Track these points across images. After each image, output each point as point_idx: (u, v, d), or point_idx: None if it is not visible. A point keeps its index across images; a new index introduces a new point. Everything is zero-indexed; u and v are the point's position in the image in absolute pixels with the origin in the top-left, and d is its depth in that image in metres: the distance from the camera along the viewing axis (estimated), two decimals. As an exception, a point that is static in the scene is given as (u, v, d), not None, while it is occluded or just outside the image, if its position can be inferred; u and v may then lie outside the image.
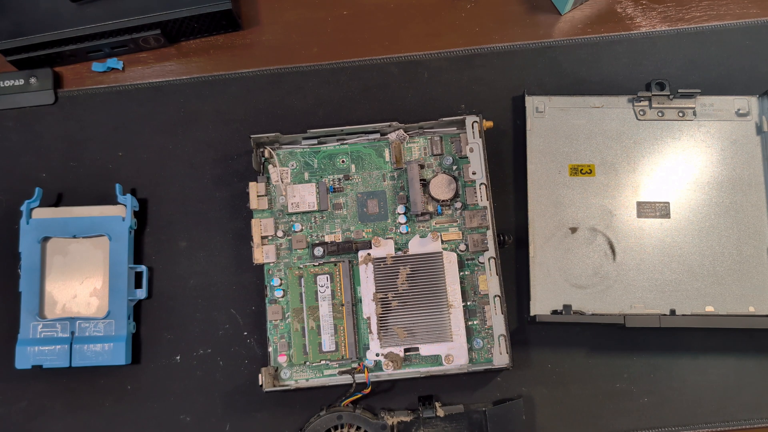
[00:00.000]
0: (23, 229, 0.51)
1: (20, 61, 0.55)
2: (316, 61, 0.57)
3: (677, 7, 0.58)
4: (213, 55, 0.58)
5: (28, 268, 0.51)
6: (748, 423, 0.50)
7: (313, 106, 0.56)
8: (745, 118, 0.53)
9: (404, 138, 0.53)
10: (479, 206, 0.50)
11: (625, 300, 0.50)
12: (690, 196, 0.52)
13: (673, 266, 0.50)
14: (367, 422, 0.48)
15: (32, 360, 0.50)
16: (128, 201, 0.52)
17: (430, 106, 0.55)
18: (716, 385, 0.50)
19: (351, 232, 0.52)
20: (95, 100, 0.56)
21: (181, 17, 0.54)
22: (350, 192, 0.52)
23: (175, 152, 0.55)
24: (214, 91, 0.56)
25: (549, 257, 0.51)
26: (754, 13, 0.57)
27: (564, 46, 0.57)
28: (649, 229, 0.51)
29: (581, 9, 0.58)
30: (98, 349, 0.50)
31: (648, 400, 0.50)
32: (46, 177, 0.55)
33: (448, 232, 0.51)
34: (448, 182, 0.51)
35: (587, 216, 0.52)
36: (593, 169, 0.52)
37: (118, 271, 0.51)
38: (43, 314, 0.51)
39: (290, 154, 0.53)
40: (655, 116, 0.53)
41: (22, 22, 0.54)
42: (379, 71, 0.56)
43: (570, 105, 0.53)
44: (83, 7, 0.54)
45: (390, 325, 0.49)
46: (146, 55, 0.58)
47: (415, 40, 0.58)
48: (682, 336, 0.51)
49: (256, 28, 0.58)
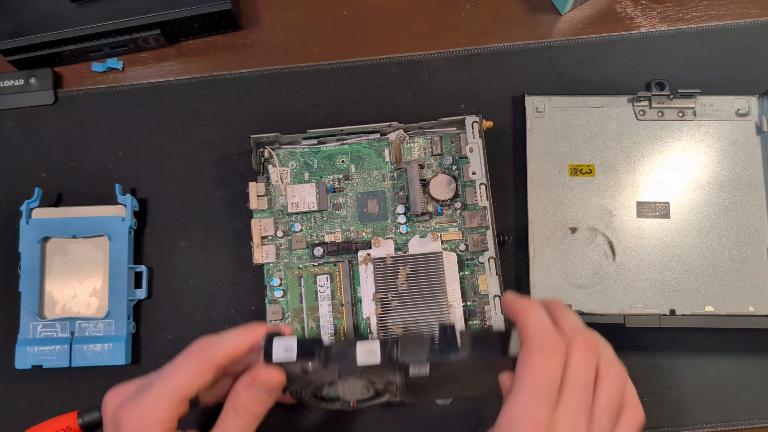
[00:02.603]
0: (23, 229, 0.51)
1: (20, 61, 0.56)
2: (316, 61, 0.57)
3: (677, 7, 0.58)
4: (213, 55, 0.58)
5: (27, 268, 0.51)
6: (748, 423, 0.50)
7: (312, 106, 0.56)
8: (744, 118, 0.53)
9: (404, 138, 0.53)
10: (479, 206, 0.50)
11: (624, 300, 0.50)
12: (690, 196, 0.52)
13: (672, 266, 0.50)
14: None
15: (32, 360, 0.50)
16: (128, 201, 0.52)
17: (430, 106, 0.55)
18: (716, 385, 0.50)
19: (351, 232, 0.52)
20: (95, 100, 0.56)
21: (181, 17, 0.54)
22: (350, 192, 0.52)
23: (175, 152, 0.55)
24: (214, 91, 0.56)
25: (549, 257, 0.51)
26: (754, 13, 0.57)
27: (564, 46, 0.57)
28: (648, 229, 0.51)
29: (581, 9, 0.58)
30: (98, 349, 0.50)
31: (648, 400, 0.50)
32: (46, 177, 0.55)
33: (447, 232, 0.51)
34: (448, 182, 0.51)
35: (587, 216, 0.52)
36: (593, 169, 0.52)
37: (118, 271, 0.51)
38: (42, 314, 0.51)
39: (290, 154, 0.53)
40: (655, 116, 0.53)
41: (21, 23, 0.54)
42: (379, 71, 0.56)
43: (570, 105, 0.53)
44: (83, 7, 0.54)
45: (390, 325, 0.49)
46: (146, 55, 0.58)
47: (415, 40, 0.58)
48: (682, 336, 0.51)
49: (256, 28, 0.58)
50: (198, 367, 0.37)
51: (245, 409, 0.37)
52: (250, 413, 0.38)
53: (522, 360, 0.34)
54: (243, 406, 0.37)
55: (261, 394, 0.38)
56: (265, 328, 0.39)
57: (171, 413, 0.36)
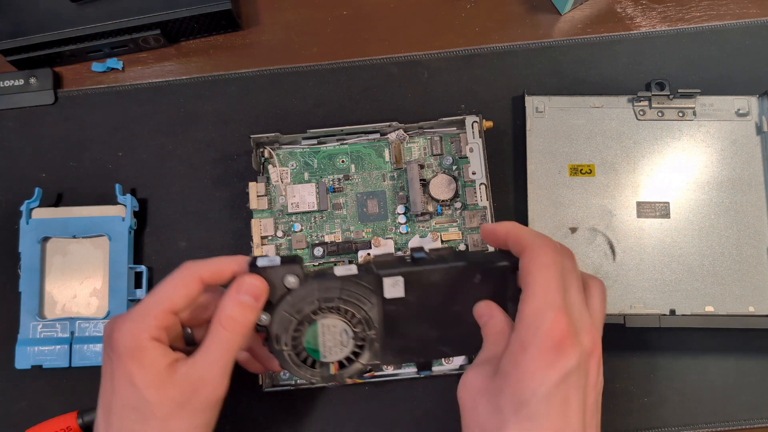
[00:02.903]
0: (23, 229, 0.51)
1: (20, 61, 0.55)
2: (316, 61, 0.57)
3: (677, 7, 0.58)
4: (213, 55, 0.58)
5: (27, 268, 0.51)
6: (747, 423, 0.50)
7: (312, 106, 0.56)
8: (744, 118, 0.53)
9: (404, 138, 0.53)
10: (479, 206, 0.50)
11: (624, 300, 0.50)
12: (690, 196, 0.52)
13: (672, 266, 0.50)
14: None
15: (32, 360, 0.50)
16: (128, 201, 0.52)
17: (430, 106, 0.55)
18: (716, 385, 0.50)
19: (351, 233, 0.52)
20: (95, 100, 0.56)
21: (181, 17, 0.54)
22: (350, 192, 0.52)
23: (175, 152, 0.55)
24: (214, 91, 0.56)
25: (549, 257, 0.51)
26: (753, 12, 0.57)
27: (564, 46, 0.57)
28: (648, 229, 0.51)
29: (581, 9, 0.58)
30: (98, 349, 0.50)
31: (648, 400, 0.50)
32: (46, 177, 0.55)
33: (447, 232, 0.51)
34: (448, 182, 0.51)
35: (587, 216, 0.52)
36: (593, 169, 0.52)
37: (118, 271, 0.51)
38: (42, 314, 0.51)
39: (290, 154, 0.53)
40: (655, 116, 0.53)
41: (21, 22, 0.54)
42: (379, 71, 0.56)
43: (570, 105, 0.53)
44: (83, 7, 0.54)
45: (390, 325, 0.49)
46: (146, 55, 0.58)
47: (414, 40, 0.58)
48: (682, 336, 0.51)
49: (256, 28, 0.58)
50: (183, 279, 0.39)
51: (230, 320, 0.38)
52: (236, 323, 0.38)
53: (531, 259, 0.36)
54: (228, 317, 0.38)
55: (246, 301, 0.38)
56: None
57: (159, 321, 0.37)
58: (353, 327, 0.41)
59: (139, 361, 0.36)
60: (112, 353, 0.37)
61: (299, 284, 0.40)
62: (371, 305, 0.41)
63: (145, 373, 0.36)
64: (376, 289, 0.41)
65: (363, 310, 0.41)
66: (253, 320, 0.39)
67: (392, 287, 0.41)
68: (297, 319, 0.41)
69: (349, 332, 0.41)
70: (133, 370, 0.36)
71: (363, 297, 0.41)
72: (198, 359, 0.38)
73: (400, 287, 0.41)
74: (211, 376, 0.37)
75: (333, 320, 0.41)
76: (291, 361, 0.41)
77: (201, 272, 0.39)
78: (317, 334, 0.41)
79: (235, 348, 0.38)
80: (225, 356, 0.38)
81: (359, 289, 0.41)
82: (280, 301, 0.40)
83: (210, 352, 0.38)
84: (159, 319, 0.37)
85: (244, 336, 0.38)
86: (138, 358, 0.36)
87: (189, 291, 0.38)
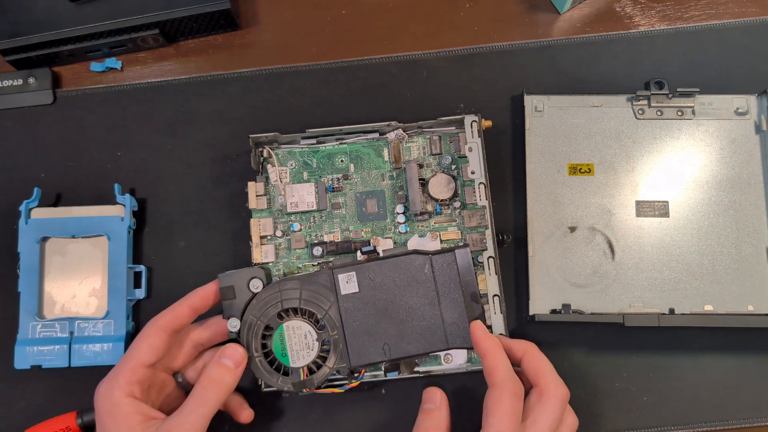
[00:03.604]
0: (22, 229, 0.51)
1: (19, 61, 0.55)
2: (315, 60, 0.57)
3: (676, 6, 0.58)
4: (211, 54, 0.58)
5: (26, 268, 0.51)
6: (747, 422, 0.50)
7: (311, 105, 0.56)
8: (744, 117, 0.53)
9: (403, 137, 0.53)
10: (478, 206, 0.50)
11: (624, 299, 0.50)
12: (689, 195, 0.52)
13: (672, 265, 0.50)
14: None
15: (31, 360, 0.50)
16: (127, 201, 0.52)
17: (429, 105, 0.55)
18: (715, 384, 0.51)
19: (350, 232, 0.52)
20: (94, 99, 0.56)
21: (180, 17, 0.54)
22: (349, 191, 0.52)
23: (174, 152, 0.55)
24: (213, 91, 0.56)
25: (548, 256, 0.51)
26: (753, 12, 0.57)
27: (563, 45, 0.57)
28: (648, 228, 0.51)
29: (580, 8, 0.58)
30: (97, 349, 0.50)
31: (647, 399, 0.50)
32: (45, 177, 0.55)
33: (447, 232, 0.51)
34: (447, 182, 0.51)
35: (586, 215, 0.52)
36: (592, 168, 0.52)
37: (117, 271, 0.51)
38: (42, 314, 0.51)
39: (289, 153, 0.53)
40: (654, 115, 0.53)
41: (20, 22, 0.54)
42: (378, 71, 0.56)
43: (569, 104, 0.53)
44: (81, 6, 0.54)
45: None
46: (145, 54, 0.58)
47: (414, 39, 0.58)
48: (681, 335, 0.51)
49: (255, 27, 0.58)
50: (145, 333, 0.44)
51: (210, 380, 0.42)
52: (214, 384, 0.42)
53: (491, 400, 0.41)
54: (208, 378, 0.42)
55: (226, 363, 0.43)
56: (210, 288, 0.46)
57: (128, 377, 0.42)
58: (317, 329, 0.43)
59: (113, 418, 0.41)
60: (96, 413, 0.42)
61: (263, 287, 0.43)
62: (329, 304, 0.43)
63: (119, 430, 0.40)
64: (332, 286, 0.43)
65: (323, 309, 0.43)
66: (231, 383, 0.43)
67: (347, 283, 0.44)
68: (263, 323, 0.43)
69: (313, 333, 0.43)
70: (109, 427, 0.41)
71: (322, 296, 0.43)
72: (174, 416, 0.41)
73: (353, 283, 0.44)
74: (184, 431, 0.40)
75: (297, 322, 0.43)
76: (263, 368, 0.43)
77: (159, 323, 0.44)
78: (284, 338, 0.43)
79: (212, 407, 0.41)
80: (201, 415, 0.41)
81: (318, 288, 0.43)
82: (247, 306, 0.43)
83: (187, 408, 0.41)
84: (128, 376, 0.42)
85: (222, 395, 0.42)
86: (113, 415, 0.41)
87: (152, 342, 0.43)
